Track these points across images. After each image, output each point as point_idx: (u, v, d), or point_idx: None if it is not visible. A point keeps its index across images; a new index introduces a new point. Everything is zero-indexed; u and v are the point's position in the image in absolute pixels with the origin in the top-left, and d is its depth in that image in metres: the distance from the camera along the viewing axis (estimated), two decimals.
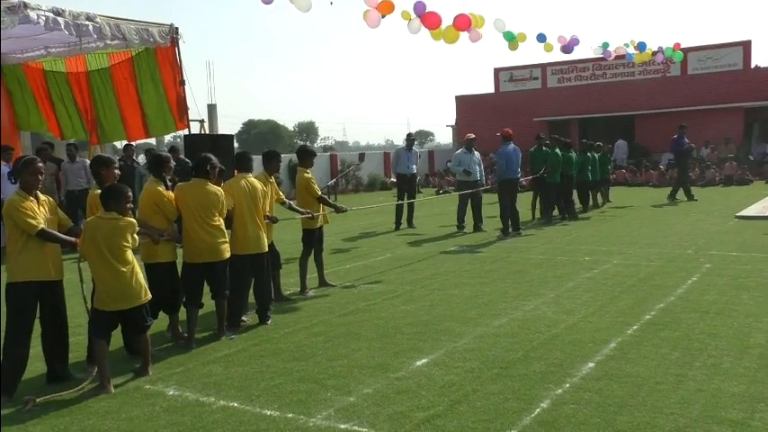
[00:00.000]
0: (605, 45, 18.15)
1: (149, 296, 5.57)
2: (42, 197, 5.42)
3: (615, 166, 26.87)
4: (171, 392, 5.23)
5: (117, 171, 5.98)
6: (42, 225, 5.24)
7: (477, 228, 14.01)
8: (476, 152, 14.32)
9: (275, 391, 5.15)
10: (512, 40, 14.25)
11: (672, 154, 20.71)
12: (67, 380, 5.55)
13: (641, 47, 18.62)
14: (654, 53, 19.75)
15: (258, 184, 7.18)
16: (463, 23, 11.66)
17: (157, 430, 4.52)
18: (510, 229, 12.99)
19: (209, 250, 6.45)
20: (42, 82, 13.46)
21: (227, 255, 6.63)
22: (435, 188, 27.66)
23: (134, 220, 5.54)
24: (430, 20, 11.24)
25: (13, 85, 13.29)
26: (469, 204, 14.04)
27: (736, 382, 4.89)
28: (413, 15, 11.31)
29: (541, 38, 16.31)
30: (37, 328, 5.47)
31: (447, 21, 11.71)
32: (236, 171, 7.28)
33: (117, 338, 5.85)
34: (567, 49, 16.65)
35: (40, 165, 5.42)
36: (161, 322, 6.75)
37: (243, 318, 7.21)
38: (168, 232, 6.35)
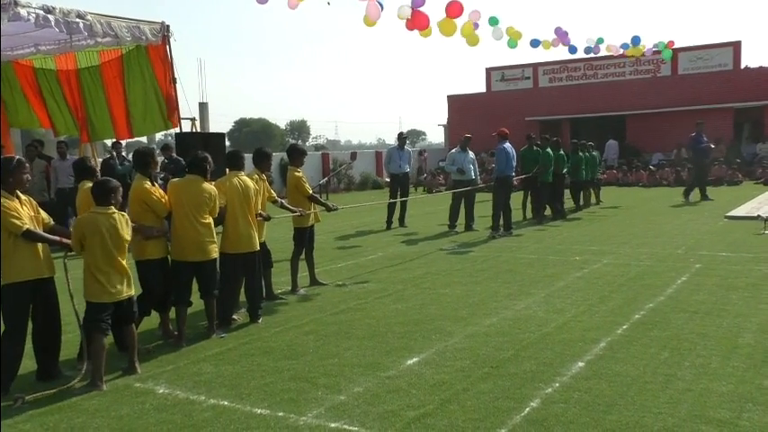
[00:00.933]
0: (600, 40, 18.26)
1: (133, 289, 5.64)
2: (23, 197, 5.40)
3: (606, 166, 26.96)
4: (161, 390, 5.22)
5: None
6: (28, 225, 5.23)
7: (468, 227, 14.05)
8: (470, 152, 14.39)
9: (266, 389, 5.15)
10: (495, 24, 14.29)
11: (690, 151, 19.77)
12: (57, 377, 5.54)
13: (635, 41, 18.68)
14: (644, 53, 19.75)
15: (250, 183, 7.18)
16: (455, 10, 11.57)
17: (147, 428, 4.51)
18: (501, 229, 13.03)
19: (197, 248, 6.43)
20: (33, 79, 13.40)
21: (215, 254, 6.63)
22: (427, 188, 27.62)
23: (126, 215, 5.59)
24: (419, 20, 11.21)
25: (3, 83, 13.22)
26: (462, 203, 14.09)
27: (725, 382, 4.92)
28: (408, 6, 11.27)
29: (535, 43, 16.49)
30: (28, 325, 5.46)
31: (440, 18, 11.66)
32: (228, 169, 7.27)
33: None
34: (565, 41, 16.78)
35: (28, 166, 5.48)
36: (152, 320, 6.74)
37: (234, 316, 7.20)
38: (158, 228, 6.34)
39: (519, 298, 7.79)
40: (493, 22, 14.14)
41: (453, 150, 14.75)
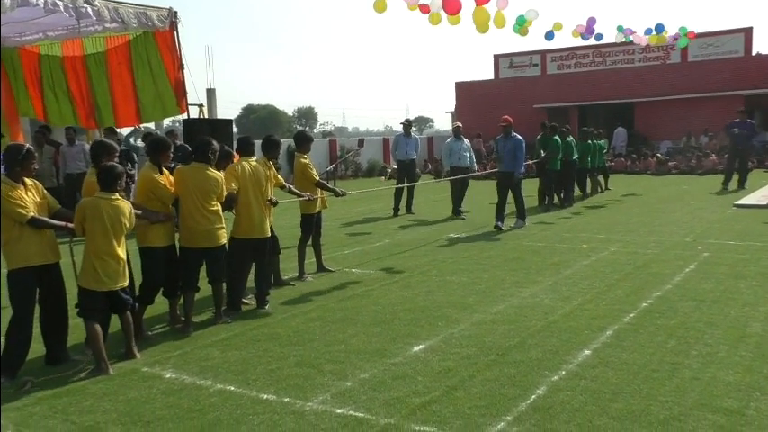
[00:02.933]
0: (620, 29, 18.12)
1: (127, 280, 5.65)
2: (29, 182, 5.41)
3: (615, 154, 26.81)
4: (168, 375, 5.25)
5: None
6: (32, 213, 5.24)
7: (457, 213, 14.16)
8: (465, 140, 14.47)
9: (272, 375, 5.17)
10: (523, 24, 14.21)
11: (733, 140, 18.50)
12: (65, 361, 5.59)
13: (659, 29, 18.50)
14: (667, 39, 19.43)
15: (261, 169, 7.17)
16: None
17: (154, 412, 4.54)
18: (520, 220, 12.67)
19: (205, 236, 6.43)
20: (36, 66, 13.40)
21: (224, 241, 6.63)
22: (434, 175, 27.59)
23: (130, 203, 5.60)
24: (451, 6, 11.04)
25: (8, 69, 13.23)
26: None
27: (732, 371, 4.91)
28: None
29: (550, 36, 16.42)
30: (36, 310, 5.49)
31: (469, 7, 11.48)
32: (238, 155, 7.28)
33: (115, 320, 5.84)
34: (588, 30, 16.69)
35: (36, 156, 5.53)
36: (159, 306, 6.77)
37: (245, 300, 7.23)
38: (165, 213, 6.32)
39: (525, 285, 7.78)
40: (520, 21, 14.07)
41: (449, 140, 14.86)
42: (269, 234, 7.23)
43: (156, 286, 6.43)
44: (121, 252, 5.47)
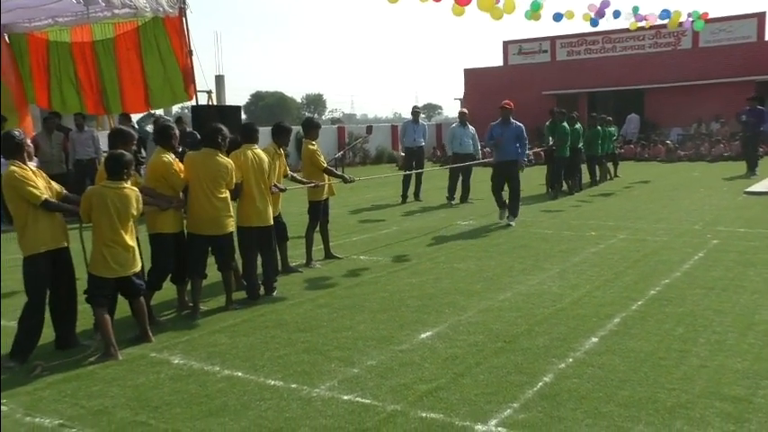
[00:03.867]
0: (635, 9, 17.95)
1: (139, 265, 5.67)
2: (33, 168, 5.42)
3: (625, 141, 26.63)
4: (176, 361, 5.28)
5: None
6: (46, 195, 5.26)
7: (464, 199, 14.30)
8: (470, 126, 14.44)
9: (279, 361, 5.19)
10: (537, 9, 14.13)
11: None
12: (75, 346, 5.63)
13: (664, 15, 18.33)
14: (681, 23, 19.23)
15: (265, 156, 7.14)
16: None
17: (162, 398, 4.57)
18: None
19: (212, 223, 6.43)
20: (44, 53, 13.41)
21: (231, 228, 6.64)
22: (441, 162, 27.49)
23: (137, 190, 5.60)
24: None
25: (16, 55, 13.26)
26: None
27: (740, 359, 4.89)
28: None
29: (558, 17, 16.30)
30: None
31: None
32: (242, 142, 7.26)
33: (123, 305, 5.88)
34: (599, 13, 16.60)
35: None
36: (167, 292, 6.79)
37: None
38: (177, 199, 6.34)
39: (533, 273, 7.76)
40: (535, 6, 13.98)
41: (453, 125, 14.85)
42: (272, 222, 7.20)
43: (165, 272, 6.46)
44: (130, 239, 5.46)
